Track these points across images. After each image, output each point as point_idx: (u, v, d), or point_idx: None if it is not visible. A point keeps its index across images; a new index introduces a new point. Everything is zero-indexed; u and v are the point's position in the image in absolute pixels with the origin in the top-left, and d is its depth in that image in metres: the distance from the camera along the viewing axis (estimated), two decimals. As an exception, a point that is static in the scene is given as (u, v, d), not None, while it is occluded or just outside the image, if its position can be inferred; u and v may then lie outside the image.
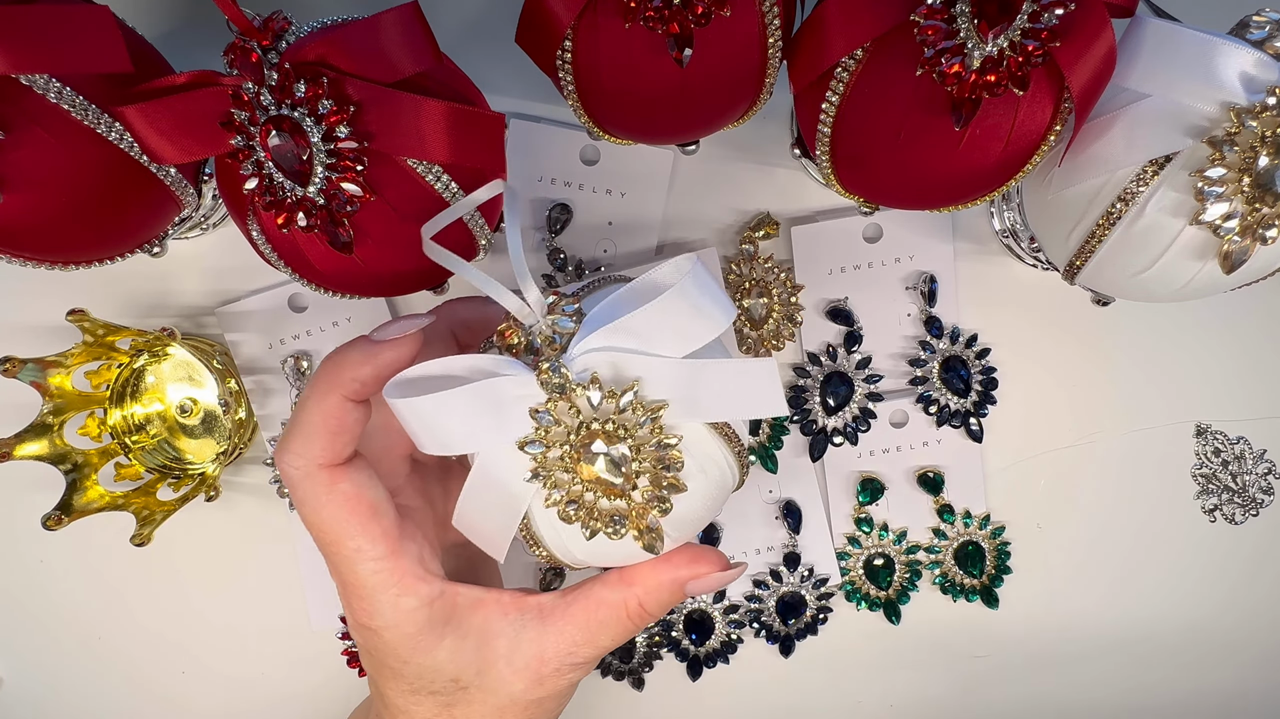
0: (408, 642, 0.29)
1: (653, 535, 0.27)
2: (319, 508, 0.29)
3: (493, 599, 0.30)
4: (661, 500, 0.27)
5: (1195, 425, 0.45)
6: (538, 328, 0.27)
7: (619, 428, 0.26)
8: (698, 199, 0.43)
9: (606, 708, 0.46)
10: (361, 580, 0.29)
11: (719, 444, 0.28)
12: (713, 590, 0.31)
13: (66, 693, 0.46)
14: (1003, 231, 0.43)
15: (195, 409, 0.44)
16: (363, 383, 0.28)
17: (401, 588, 0.29)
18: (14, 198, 0.30)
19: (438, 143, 0.29)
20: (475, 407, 0.26)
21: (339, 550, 0.29)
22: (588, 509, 0.27)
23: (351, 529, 0.29)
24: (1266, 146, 0.29)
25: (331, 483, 0.29)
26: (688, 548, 0.30)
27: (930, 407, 0.44)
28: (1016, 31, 0.28)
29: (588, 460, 0.26)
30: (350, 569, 0.29)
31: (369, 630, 0.30)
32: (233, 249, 0.43)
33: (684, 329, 0.27)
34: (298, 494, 0.29)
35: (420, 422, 0.27)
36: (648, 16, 0.29)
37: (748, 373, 0.27)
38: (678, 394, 0.26)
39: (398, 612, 0.29)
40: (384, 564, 0.29)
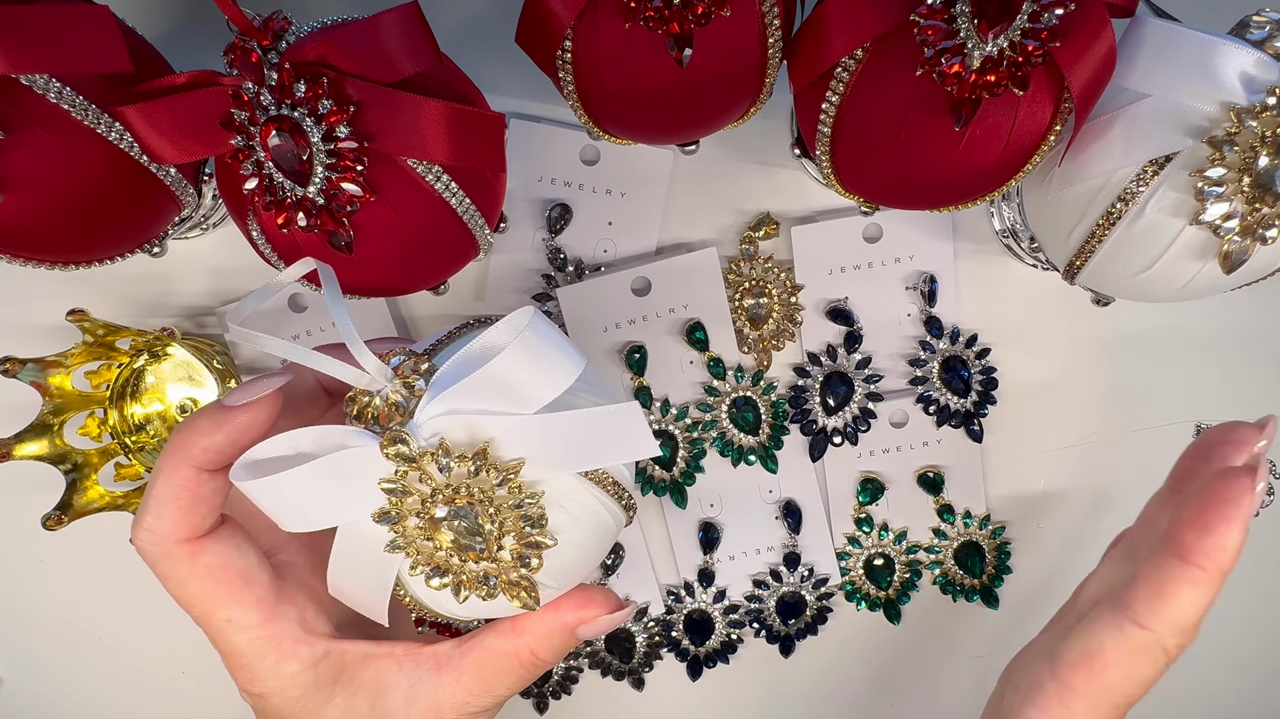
0: (294, 705, 0.29)
1: (527, 592, 0.27)
2: (182, 584, 0.28)
3: (384, 652, 0.30)
4: (525, 561, 0.26)
5: (1195, 425, 0.45)
6: (384, 393, 0.26)
7: (473, 491, 0.25)
8: (698, 199, 0.43)
9: (606, 708, 0.46)
10: (239, 650, 0.28)
11: (590, 490, 0.28)
12: (605, 632, 0.30)
13: (66, 693, 0.46)
14: (1003, 231, 0.43)
15: (195, 409, 0.44)
16: (216, 451, 0.27)
17: (280, 653, 0.28)
18: (14, 198, 0.30)
19: (438, 143, 0.29)
20: (327, 482, 0.25)
21: (210, 623, 0.28)
22: (455, 572, 0.26)
23: (220, 601, 0.28)
24: (1266, 146, 0.29)
25: (192, 557, 0.28)
26: (577, 591, 0.30)
27: (930, 407, 0.44)
28: (1016, 31, 0.28)
29: (443, 529, 0.25)
30: (224, 640, 0.28)
31: (255, 696, 0.29)
32: (233, 249, 0.43)
33: (531, 384, 0.26)
34: (157, 571, 0.28)
35: (273, 502, 0.26)
36: (648, 16, 0.29)
37: (609, 419, 0.26)
38: (536, 450, 0.26)
39: (280, 677, 0.28)
40: (259, 631, 0.28)
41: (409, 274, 0.34)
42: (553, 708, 0.46)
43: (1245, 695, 0.47)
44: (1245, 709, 0.47)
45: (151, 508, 0.27)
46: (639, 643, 0.45)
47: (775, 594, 0.45)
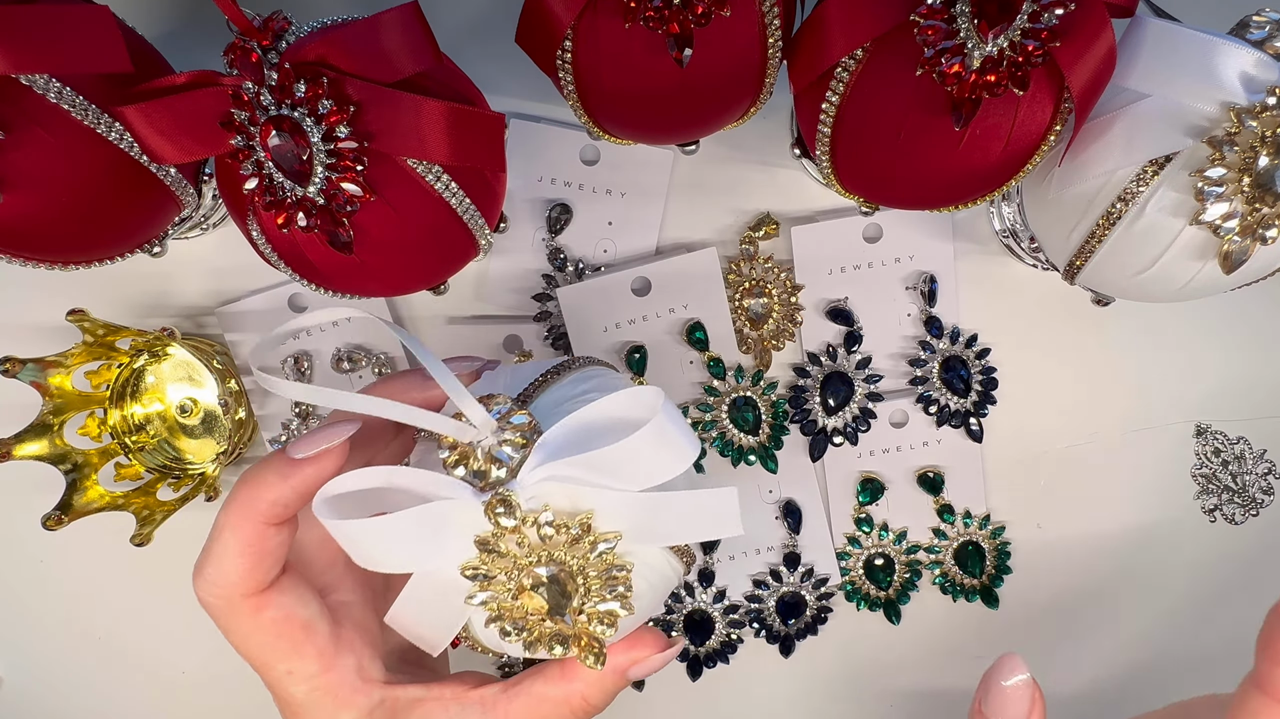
0: None
1: (596, 655, 0.27)
2: (245, 638, 0.28)
3: (434, 695, 0.29)
4: (607, 624, 0.26)
5: (1195, 425, 0.45)
6: (485, 446, 0.25)
7: (570, 559, 0.25)
8: (698, 199, 0.43)
9: (606, 708, 0.46)
10: (296, 700, 0.28)
11: (666, 557, 0.28)
12: (655, 671, 0.30)
13: (66, 693, 0.46)
14: (1003, 231, 0.43)
15: (195, 409, 0.44)
16: (284, 505, 0.27)
17: (337, 703, 0.28)
18: (14, 198, 0.30)
19: (438, 143, 0.29)
20: (416, 531, 0.25)
21: (269, 674, 0.28)
22: (529, 628, 0.26)
23: (282, 654, 0.28)
24: (1266, 146, 0.29)
25: (256, 611, 0.27)
26: (626, 636, 0.30)
27: (930, 407, 0.44)
28: (1016, 31, 0.28)
29: (533, 591, 0.25)
30: (283, 690, 0.28)
31: None
32: (233, 249, 0.43)
33: (649, 466, 0.25)
34: (220, 624, 0.28)
35: (353, 543, 0.26)
36: (648, 16, 0.29)
37: (707, 503, 0.26)
38: (633, 524, 0.26)
39: None
40: (319, 682, 0.28)
41: (409, 274, 0.34)
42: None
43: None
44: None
45: (215, 562, 0.27)
46: (639, 643, 0.45)
47: (775, 594, 0.45)
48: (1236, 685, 0.30)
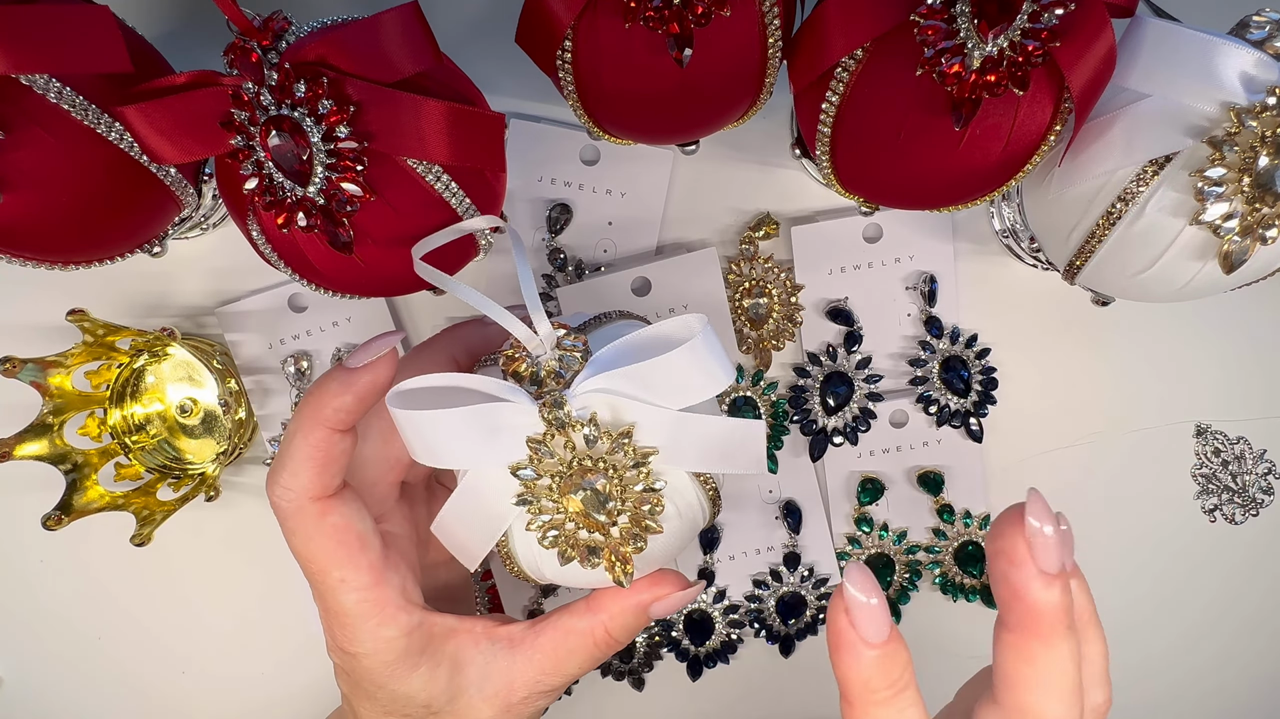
0: (384, 669, 0.30)
1: (624, 569, 0.28)
2: (308, 540, 0.30)
3: (466, 628, 0.31)
4: (637, 539, 0.28)
5: (1195, 425, 0.45)
6: (544, 359, 0.27)
7: (609, 468, 0.27)
8: (698, 199, 0.43)
9: (606, 708, 0.46)
10: (345, 609, 0.30)
11: (697, 489, 0.29)
12: (675, 610, 0.32)
13: (66, 693, 0.46)
14: (1003, 231, 0.43)
15: (195, 409, 0.44)
16: (346, 411, 0.29)
17: (383, 618, 0.30)
18: (14, 198, 0.30)
19: (438, 143, 0.29)
20: (474, 427, 0.27)
21: (324, 580, 0.30)
22: (567, 538, 0.28)
23: (338, 560, 0.30)
24: (1266, 146, 0.29)
25: (321, 515, 0.29)
26: (650, 574, 0.31)
27: (930, 407, 0.44)
28: (1016, 31, 0.28)
29: (574, 494, 0.27)
30: (334, 598, 0.30)
31: (348, 655, 0.30)
32: (233, 249, 0.43)
33: (686, 385, 0.27)
34: (287, 526, 0.30)
35: (418, 434, 0.28)
36: (648, 16, 0.29)
37: (737, 433, 0.28)
38: (667, 443, 0.27)
39: (377, 640, 0.30)
40: (368, 594, 0.30)
41: (409, 274, 0.34)
42: (553, 707, 0.46)
43: (1246, 696, 0.47)
44: (1245, 709, 0.47)
45: (288, 465, 0.29)
46: (639, 643, 0.45)
47: (775, 594, 0.45)
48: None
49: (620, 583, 0.28)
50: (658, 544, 0.29)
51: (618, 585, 0.29)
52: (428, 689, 0.30)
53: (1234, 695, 0.47)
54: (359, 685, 0.31)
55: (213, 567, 0.45)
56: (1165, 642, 0.46)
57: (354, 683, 0.31)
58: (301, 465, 0.29)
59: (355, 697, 0.32)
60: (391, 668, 0.30)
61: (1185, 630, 0.46)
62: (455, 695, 0.31)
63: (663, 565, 0.31)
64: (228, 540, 0.45)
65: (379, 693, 0.31)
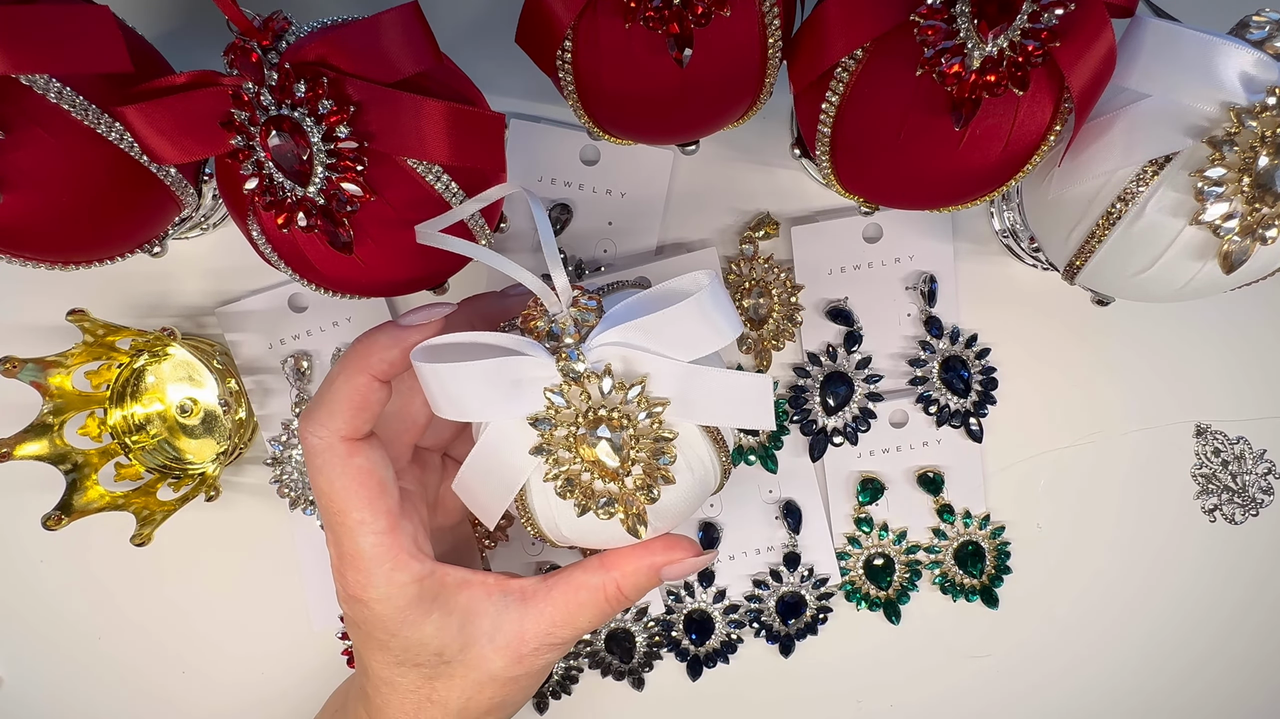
0: (397, 615, 0.31)
1: (638, 519, 0.29)
2: (333, 478, 0.30)
3: (478, 580, 0.32)
4: (650, 488, 0.28)
5: (1195, 425, 0.45)
6: (561, 316, 0.29)
7: (622, 417, 0.28)
8: (698, 199, 0.43)
9: (606, 708, 0.46)
10: (362, 552, 0.31)
11: (708, 446, 0.30)
12: (686, 575, 0.32)
13: (66, 693, 0.46)
14: (1003, 231, 0.43)
15: (195, 409, 0.44)
16: (390, 364, 0.30)
17: (396, 563, 0.31)
18: (14, 198, 0.30)
19: (438, 143, 0.29)
20: (493, 380, 0.28)
21: (344, 520, 0.31)
22: (583, 488, 0.29)
23: (359, 502, 0.30)
24: (1266, 146, 0.29)
25: (348, 455, 0.30)
26: (664, 536, 0.32)
27: (930, 407, 0.44)
28: (1016, 31, 0.28)
29: (590, 443, 0.28)
30: (352, 540, 0.31)
31: (360, 603, 0.31)
32: (233, 249, 0.43)
33: (693, 337, 0.29)
34: (315, 463, 0.31)
35: (441, 387, 0.29)
36: (648, 16, 0.29)
37: (745, 386, 0.29)
38: (678, 395, 0.29)
39: (391, 585, 0.31)
40: (384, 539, 0.31)
41: (409, 274, 0.34)
42: (553, 708, 0.46)
43: (1246, 696, 0.47)
44: (1245, 709, 0.47)
45: (326, 405, 0.30)
46: (639, 643, 0.45)
47: (775, 594, 0.45)
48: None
49: (634, 533, 0.29)
50: (670, 498, 0.30)
51: (633, 537, 0.29)
52: (440, 637, 0.31)
53: (1234, 695, 0.47)
54: (371, 636, 0.32)
55: (213, 567, 0.45)
56: (1165, 642, 0.46)
57: (366, 634, 0.32)
58: (340, 406, 0.30)
59: (367, 649, 0.32)
60: (404, 613, 0.31)
61: (1185, 630, 0.46)
62: (467, 645, 0.31)
63: (675, 524, 0.32)
64: (227, 540, 0.45)
65: (391, 641, 0.31)
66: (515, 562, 0.45)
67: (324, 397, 0.31)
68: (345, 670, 0.45)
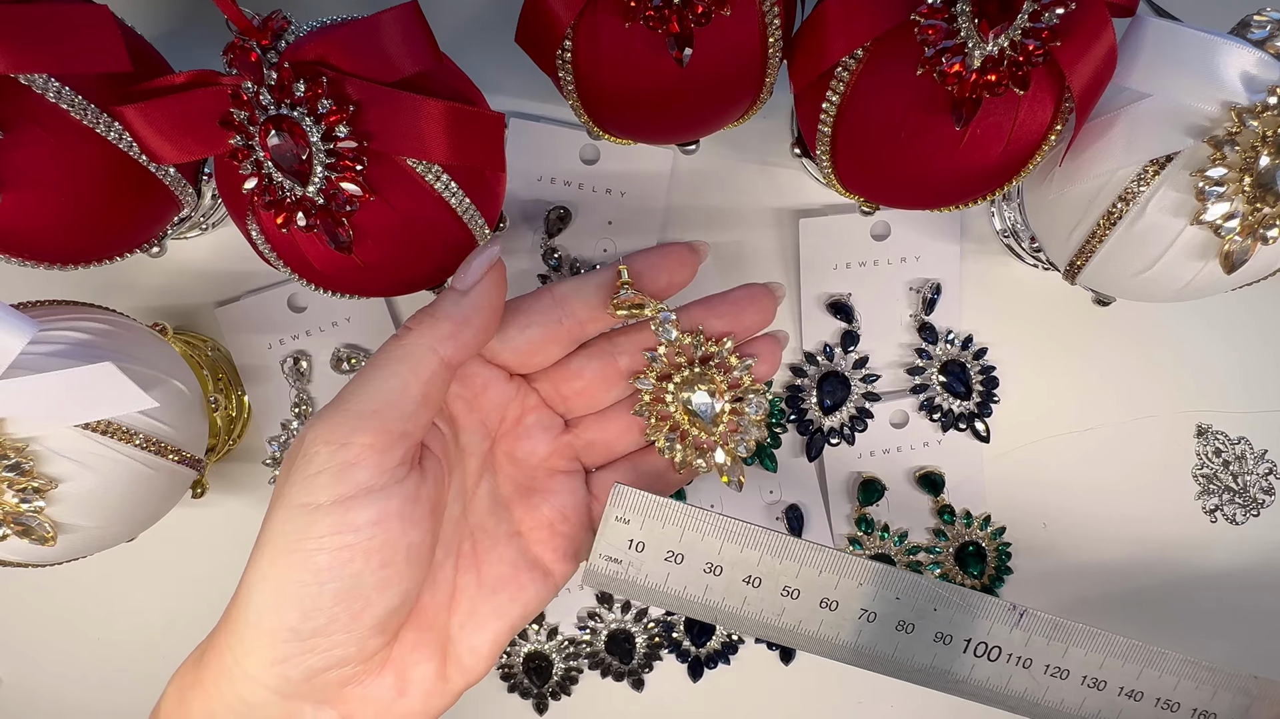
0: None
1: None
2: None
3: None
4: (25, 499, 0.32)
5: (1196, 426, 0.45)
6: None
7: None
8: (698, 199, 0.43)
9: (606, 709, 0.46)
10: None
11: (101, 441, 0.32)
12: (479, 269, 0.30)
13: (66, 693, 0.46)
14: (1003, 231, 0.43)
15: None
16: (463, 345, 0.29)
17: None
18: (13, 198, 0.30)
19: (437, 142, 0.29)
20: None
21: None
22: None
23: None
24: (1267, 146, 0.29)
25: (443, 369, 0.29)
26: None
27: (934, 413, 0.44)
28: (1017, 31, 0.28)
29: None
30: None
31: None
32: (232, 249, 0.43)
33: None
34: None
35: None
36: (648, 16, 0.29)
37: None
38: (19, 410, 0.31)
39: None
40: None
41: (409, 274, 0.34)
42: (552, 708, 0.46)
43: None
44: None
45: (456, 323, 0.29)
46: (639, 644, 0.45)
47: (775, 594, 0.45)
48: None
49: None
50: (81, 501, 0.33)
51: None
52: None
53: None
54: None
55: (212, 566, 0.45)
56: (1165, 642, 0.46)
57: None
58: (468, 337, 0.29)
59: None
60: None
61: (1186, 630, 0.46)
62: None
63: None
64: (213, 537, 0.45)
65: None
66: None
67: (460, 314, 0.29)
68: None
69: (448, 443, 0.31)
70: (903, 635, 0.30)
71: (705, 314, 0.33)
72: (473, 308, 0.29)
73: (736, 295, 0.33)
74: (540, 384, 0.33)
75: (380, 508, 0.27)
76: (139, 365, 0.34)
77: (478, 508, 0.32)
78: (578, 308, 0.31)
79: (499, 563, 0.32)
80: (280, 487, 0.28)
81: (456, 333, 0.29)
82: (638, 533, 0.29)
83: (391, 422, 0.28)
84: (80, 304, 0.36)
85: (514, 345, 0.31)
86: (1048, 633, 0.29)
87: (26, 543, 0.32)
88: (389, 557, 0.28)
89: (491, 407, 0.32)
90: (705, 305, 0.33)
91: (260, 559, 0.28)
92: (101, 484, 0.33)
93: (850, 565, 0.29)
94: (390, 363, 0.28)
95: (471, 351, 0.29)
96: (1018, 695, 0.30)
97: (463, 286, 0.29)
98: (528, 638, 0.45)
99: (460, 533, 0.32)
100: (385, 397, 0.28)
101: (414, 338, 0.29)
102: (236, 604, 0.29)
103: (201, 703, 0.30)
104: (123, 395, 0.31)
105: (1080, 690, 0.30)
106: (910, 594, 0.29)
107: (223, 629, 0.29)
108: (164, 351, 0.36)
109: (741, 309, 0.33)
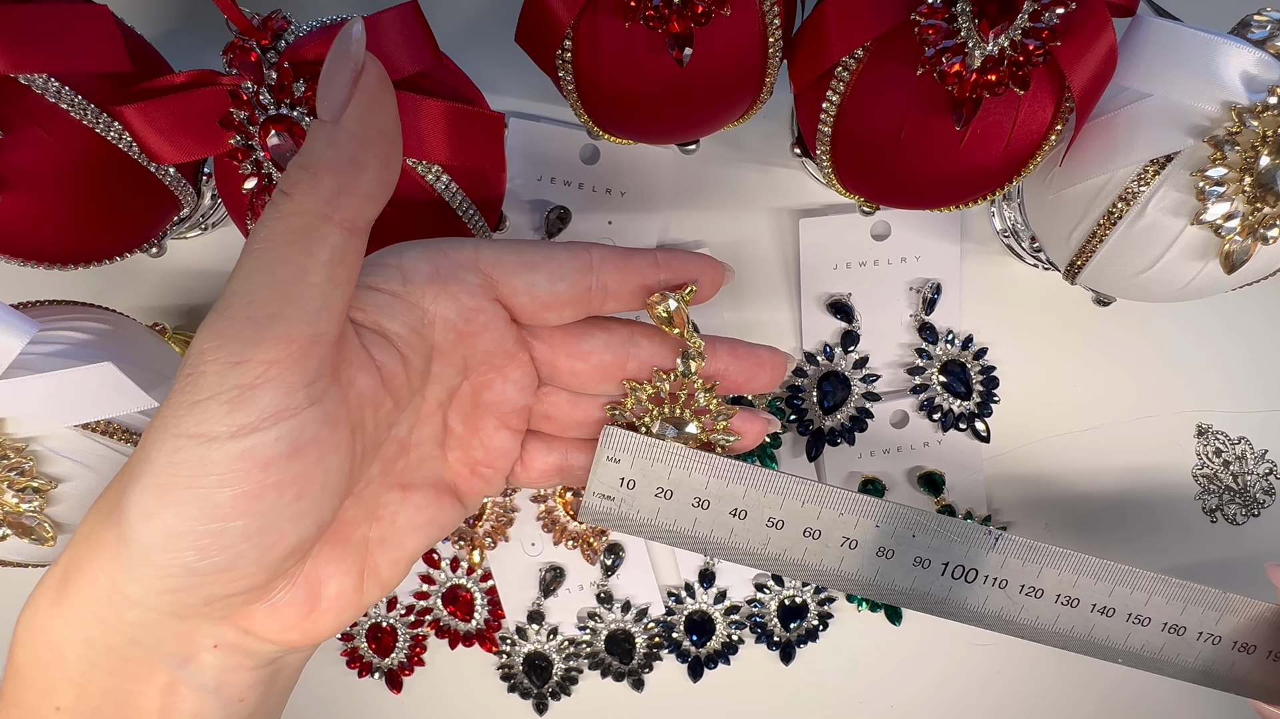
0: None
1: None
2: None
3: None
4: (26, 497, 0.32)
5: (1196, 426, 0.45)
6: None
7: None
8: (698, 199, 0.43)
9: (606, 709, 0.46)
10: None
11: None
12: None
13: (66, 693, 0.46)
14: (1003, 231, 0.43)
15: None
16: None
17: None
18: (13, 198, 0.30)
19: (437, 142, 0.29)
20: None
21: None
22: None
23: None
24: (1268, 146, 0.29)
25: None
26: None
27: (934, 413, 0.44)
28: (1017, 31, 0.28)
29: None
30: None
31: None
32: (232, 249, 0.43)
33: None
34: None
35: None
36: (648, 16, 0.29)
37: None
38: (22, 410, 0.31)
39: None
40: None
41: (409, 274, 0.34)
42: (552, 708, 0.46)
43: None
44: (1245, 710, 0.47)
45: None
46: (639, 644, 0.45)
47: (776, 598, 0.45)
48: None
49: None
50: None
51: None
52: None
53: (1234, 696, 0.47)
54: None
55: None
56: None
57: None
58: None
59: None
60: None
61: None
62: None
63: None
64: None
65: None
66: (518, 566, 0.45)
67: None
68: (344, 671, 0.45)
69: (409, 362, 0.27)
70: (883, 561, 0.31)
71: (730, 360, 0.30)
72: (355, 142, 0.23)
73: (761, 355, 0.31)
74: (538, 345, 0.29)
75: (293, 438, 0.22)
76: (139, 365, 0.33)
77: (423, 431, 0.29)
78: (610, 280, 0.29)
79: (424, 485, 0.29)
80: (163, 409, 0.22)
81: (347, 184, 0.22)
82: (628, 471, 0.30)
83: (295, 325, 0.22)
84: (80, 304, 0.36)
85: (537, 293, 0.27)
86: (1023, 555, 0.31)
87: (26, 543, 0.32)
88: (305, 487, 0.23)
89: (483, 350, 0.28)
90: (732, 352, 0.31)
91: (140, 492, 0.22)
92: (101, 484, 0.33)
93: (830, 496, 0.30)
94: (274, 244, 0.22)
95: (378, 202, 0.23)
96: (994, 614, 0.32)
97: (330, 115, 0.23)
98: (528, 638, 0.45)
99: (401, 452, 0.28)
100: (278, 291, 0.22)
101: (294, 205, 0.22)
102: (109, 531, 0.23)
103: (73, 629, 0.25)
104: (123, 395, 0.31)
105: (1054, 608, 0.32)
106: (889, 522, 0.30)
107: (90, 555, 0.24)
108: (164, 352, 0.36)
109: (761, 368, 0.31)
